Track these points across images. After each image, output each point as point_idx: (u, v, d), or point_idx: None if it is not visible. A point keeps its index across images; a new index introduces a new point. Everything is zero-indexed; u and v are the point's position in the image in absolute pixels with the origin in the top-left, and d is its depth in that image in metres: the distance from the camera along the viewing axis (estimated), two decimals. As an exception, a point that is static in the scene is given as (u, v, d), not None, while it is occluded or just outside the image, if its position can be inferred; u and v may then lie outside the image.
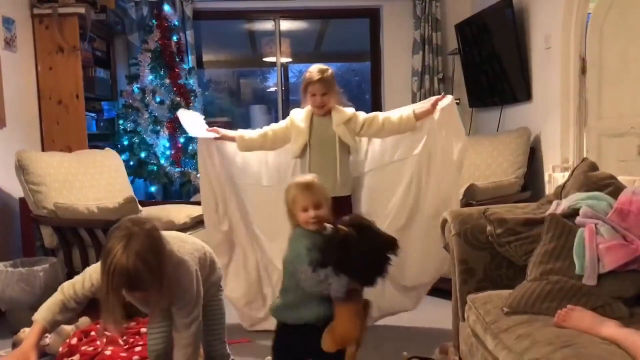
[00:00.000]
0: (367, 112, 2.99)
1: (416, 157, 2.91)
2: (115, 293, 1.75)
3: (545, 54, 3.73)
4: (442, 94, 2.88)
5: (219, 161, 2.95)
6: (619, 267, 1.71)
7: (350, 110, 2.94)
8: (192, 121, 3.02)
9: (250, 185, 3.05)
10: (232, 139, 2.93)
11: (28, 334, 1.98)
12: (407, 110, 2.91)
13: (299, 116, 2.94)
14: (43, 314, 1.96)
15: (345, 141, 2.88)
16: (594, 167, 2.22)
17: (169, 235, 2.02)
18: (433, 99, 2.91)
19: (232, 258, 3.06)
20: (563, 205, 2.03)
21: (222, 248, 2.99)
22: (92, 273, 1.97)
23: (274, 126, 2.96)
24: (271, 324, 2.82)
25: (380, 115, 2.93)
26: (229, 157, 3.00)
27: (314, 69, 2.89)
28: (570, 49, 3.47)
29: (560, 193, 2.20)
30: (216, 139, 2.94)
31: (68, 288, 2.00)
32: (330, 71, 2.91)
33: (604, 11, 3.32)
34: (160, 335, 2.16)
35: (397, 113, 2.91)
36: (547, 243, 1.89)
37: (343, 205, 2.85)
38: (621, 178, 2.21)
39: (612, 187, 2.08)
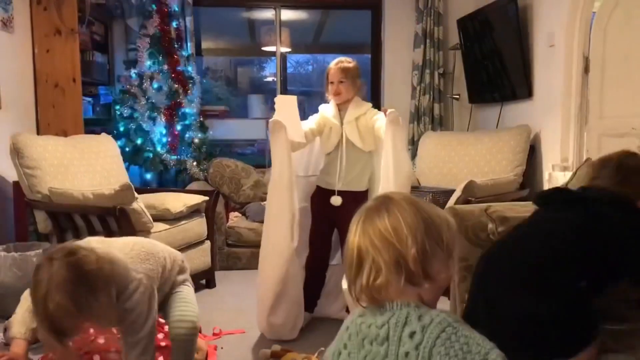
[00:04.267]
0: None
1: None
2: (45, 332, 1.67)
3: (548, 51, 3.71)
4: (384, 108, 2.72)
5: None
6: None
7: (366, 106, 2.90)
8: (287, 111, 2.75)
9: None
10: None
11: (13, 349, 1.95)
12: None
13: (329, 112, 2.91)
14: (18, 328, 1.93)
15: (351, 139, 2.85)
16: (597, 167, 2.20)
17: (128, 250, 1.98)
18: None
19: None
20: (566, 205, 2.01)
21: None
22: None
23: (306, 125, 2.88)
24: (290, 333, 2.81)
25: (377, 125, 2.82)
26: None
27: (337, 59, 2.87)
28: (574, 48, 3.45)
29: (563, 193, 2.18)
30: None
31: (29, 292, 1.97)
32: (353, 63, 2.87)
33: (609, 10, 3.29)
34: None
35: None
36: (550, 243, 1.87)
37: (358, 200, 2.84)
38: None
39: (616, 188, 2.06)
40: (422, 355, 0.99)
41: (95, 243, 1.92)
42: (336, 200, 2.86)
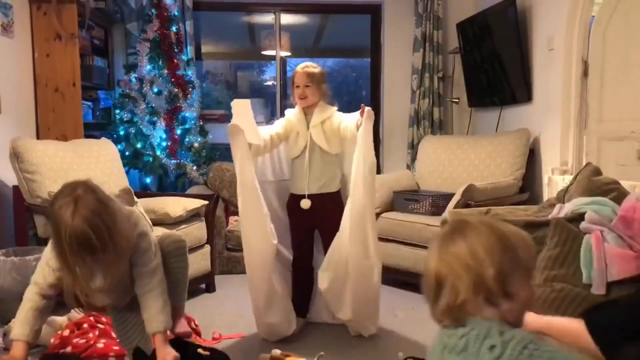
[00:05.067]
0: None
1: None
2: (75, 258, 1.76)
3: (547, 55, 3.71)
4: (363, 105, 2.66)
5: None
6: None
7: (332, 110, 2.92)
8: (243, 114, 2.73)
9: (261, 182, 2.86)
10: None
11: (13, 352, 1.95)
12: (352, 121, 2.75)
13: (295, 117, 2.93)
14: (20, 330, 1.94)
15: (317, 143, 2.86)
16: (597, 171, 2.21)
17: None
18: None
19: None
20: (566, 209, 2.01)
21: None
22: (49, 260, 1.97)
23: (272, 129, 2.92)
24: (287, 330, 2.83)
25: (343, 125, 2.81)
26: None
27: (303, 63, 2.91)
28: (573, 51, 3.46)
29: (563, 197, 2.19)
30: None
31: (31, 291, 1.99)
32: (319, 69, 2.90)
33: (607, 14, 3.30)
34: (128, 328, 2.19)
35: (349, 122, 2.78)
36: (551, 248, 1.87)
37: (331, 201, 2.87)
38: (621, 183, 2.20)
39: (616, 192, 2.07)
40: None
41: None
42: (305, 204, 2.87)
